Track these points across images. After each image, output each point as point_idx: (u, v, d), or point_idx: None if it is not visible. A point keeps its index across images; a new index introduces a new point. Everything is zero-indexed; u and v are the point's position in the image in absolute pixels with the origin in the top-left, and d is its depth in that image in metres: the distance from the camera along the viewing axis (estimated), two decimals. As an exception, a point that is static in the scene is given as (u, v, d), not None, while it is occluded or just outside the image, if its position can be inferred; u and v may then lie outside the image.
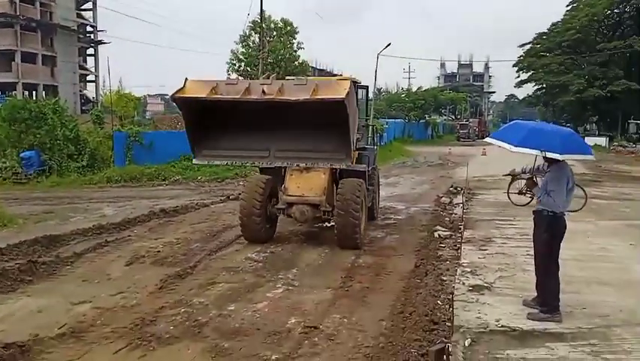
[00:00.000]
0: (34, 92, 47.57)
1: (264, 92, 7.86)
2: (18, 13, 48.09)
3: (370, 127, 12.53)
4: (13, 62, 48.44)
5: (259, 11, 31.57)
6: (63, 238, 9.27)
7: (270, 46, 33.75)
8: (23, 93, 43.28)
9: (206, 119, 8.56)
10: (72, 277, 7.45)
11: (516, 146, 5.02)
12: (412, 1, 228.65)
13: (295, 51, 37.22)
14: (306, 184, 9.58)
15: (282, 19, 37.02)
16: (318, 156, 8.52)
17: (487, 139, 5.73)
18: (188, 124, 8.68)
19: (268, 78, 8.64)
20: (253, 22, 33.61)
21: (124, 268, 7.90)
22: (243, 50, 36.25)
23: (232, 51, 36.71)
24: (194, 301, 6.37)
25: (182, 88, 8.08)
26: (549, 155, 4.93)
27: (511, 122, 6.07)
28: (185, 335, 5.39)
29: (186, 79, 8.08)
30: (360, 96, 10.68)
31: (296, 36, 37.41)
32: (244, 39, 36.00)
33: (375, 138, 13.60)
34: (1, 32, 48.48)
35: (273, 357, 4.89)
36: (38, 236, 8.99)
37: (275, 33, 36.37)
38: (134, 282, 7.19)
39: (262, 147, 8.61)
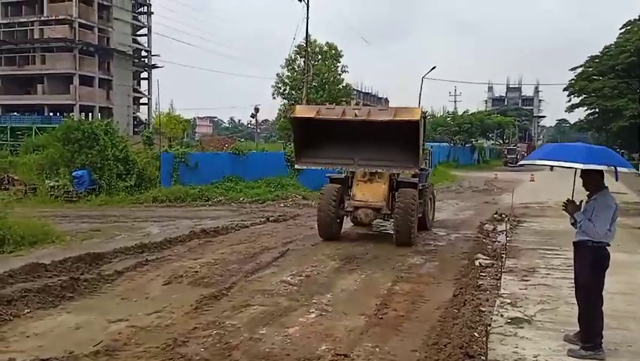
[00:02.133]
0: (90, 114, 49.73)
1: (356, 114, 10.96)
2: (77, 38, 50.64)
3: (426, 151, 14.34)
4: (71, 85, 50.94)
5: (304, 36, 32.12)
6: (106, 256, 9.53)
7: (314, 69, 34.20)
8: (80, 115, 45.30)
9: (309, 135, 11.52)
10: (112, 295, 7.61)
11: (585, 163, 4.71)
12: (460, 24, 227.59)
13: (339, 74, 37.56)
14: (369, 192, 11.80)
15: (327, 43, 37.54)
16: (392, 164, 11.33)
17: (541, 161, 5.25)
18: (295, 137, 11.96)
19: (358, 105, 12.29)
20: (299, 46, 34.24)
21: (162, 288, 8.02)
22: (289, 73, 36.89)
23: (278, 75, 37.47)
24: (227, 324, 6.37)
25: (293, 111, 11.82)
26: (620, 170, 4.68)
27: (553, 144, 5.86)
28: (214, 357, 5.38)
29: (296, 105, 10.03)
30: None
31: (340, 59, 37.79)
32: (289, 63, 36.69)
33: (430, 161, 15.72)
34: (60, 56, 51.22)
35: (301, 384, 4.81)
36: (82, 253, 9.28)
37: (320, 57, 36.89)
38: (170, 302, 7.27)
39: (348, 157, 11.52)
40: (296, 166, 12.59)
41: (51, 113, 49.92)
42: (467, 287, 8.08)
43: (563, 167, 4.95)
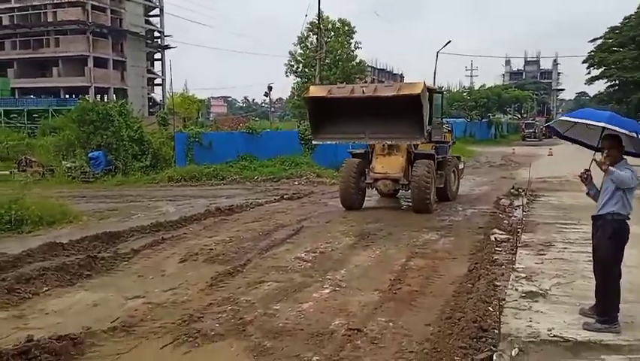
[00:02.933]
0: (105, 96, 50.07)
1: (363, 91, 11.83)
2: (90, 20, 50.71)
3: (444, 125, 15.13)
4: (85, 67, 51.21)
5: (317, 12, 31.70)
6: (122, 235, 9.66)
7: (327, 46, 33.84)
8: (95, 96, 45.61)
9: (322, 113, 12.28)
10: (128, 273, 7.72)
11: (607, 123, 4.67)
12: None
13: (353, 51, 37.14)
14: (388, 164, 12.81)
15: (340, 20, 37.07)
16: (399, 136, 12.00)
17: (566, 117, 5.42)
18: (310, 116, 12.77)
19: (365, 83, 14.10)
20: (311, 23, 33.85)
21: (178, 265, 8.11)
22: (301, 51, 36.56)
23: (290, 52, 37.16)
24: (242, 300, 6.42)
25: (307, 91, 13.05)
26: None
27: (585, 109, 5.80)
28: (229, 332, 5.44)
29: (310, 85, 10.47)
30: (436, 101, 13.90)
31: (353, 36, 37.32)
32: (302, 40, 36.35)
33: (452, 134, 16.27)
34: (74, 39, 51.46)
35: (314, 359, 4.84)
36: (99, 232, 9.42)
37: (332, 33, 36.48)
38: (186, 279, 7.35)
39: (360, 131, 12.19)
40: (313, 142, 13.51)
41: (67, 96, 50.36)
42: (482, 262, 8.03)
43: (587, 124, 4.91)
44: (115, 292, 6.75)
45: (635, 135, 4.64)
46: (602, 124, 4.71)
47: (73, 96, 47.59)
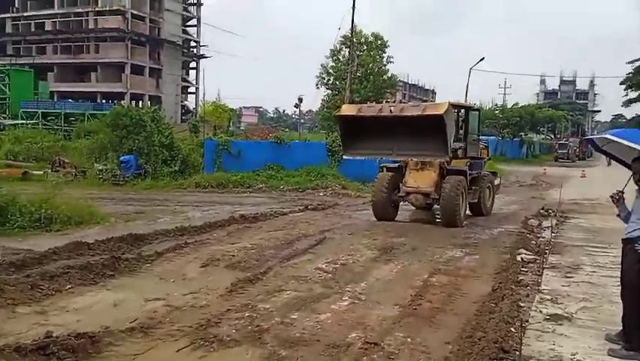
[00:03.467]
0: (140, 102, 51.14)
1: (390, 111, 12.45)
2: (129, 29, 52.07)
3: (480, 142, 15.63)
4: (123, 74, 52.50)
5: (350, 26, 31.82)
6: (147, 237, 9.76)
7: (359, 60, 33.90)
8: (130, 102, 46.64)
9: (353, 129, 12.97)
10: (150, 275, 7.79)
11: None
12: (511, 14, 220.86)
13: (384, 65, 37.11)
14: (420, 179, 13.20)
15: (373, 34, 37.13)
16: (425, 153, 12.45)
17: (609, 135, 5.14)
18: (341, 132, 13.52)
19: (394, 102, 14.97)
20: (344, 36, 33.99)
21: (199, 270, 8.14)
22: (333, 64, 36.72)
23: (322, 65, 37.35)
24: (260, 307, 6.40)
25: (339, 110, 14.34)
26: None
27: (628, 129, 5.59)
28: (246, 339, 5.41)
29: (340, 99, 11.04)
30: (472, 118, 14.64)
31: (386, 50, 37.32)
32: (334, 53, 36.51)
33: (488, 151, 16.79)
34: (113, 46, 52.89)
35: (329, 370, 4.77)
36: (124, 234, 9.54)
37: (365, 47, 36.54)
38: (206, 283, 7.37)
39: (388, 148, 12.74)
40: (344, 157, 13.95)
41: (103, 101, 51.62)
42: (507, 282, 7.81)
43: (627, 147, 4.75)
44: (136, 293, 6.81)
45: None
46: None
47: (110, 101, 48.79)
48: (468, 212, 13.98)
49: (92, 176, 20.06)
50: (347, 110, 13.67)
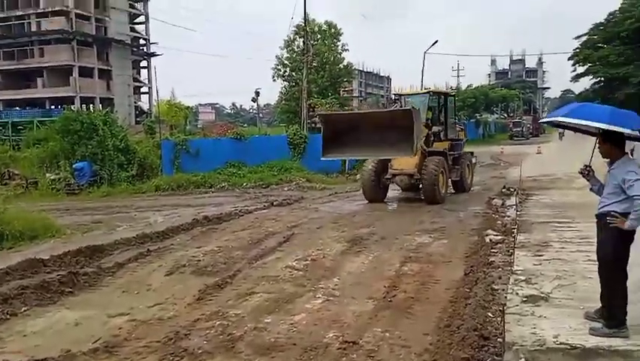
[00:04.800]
0: (91, 105, 49.37)
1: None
2: (74, 30, 50.15)
3: (457, 124, 17.69)
4: (71, 77, 50.59)
5: (303, 15, 31.50)
6: (106, 248, 9.30)
7: (314, 49, 33.63)
8: (81, 106, 45.01)
9: (336, 130, 13.62)
10: (112, 288, 7.40)
11: (608, 123, 4.39)
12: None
13: (340, 53, 36.98)
14: (404, 161, 14.18)
15: (326, 22, 36.91)
16: (393, 149, 13.05)
17: (564, 118, 4.79)
18: (324, 134, 13.82)
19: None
20: (297, 26, 33.63)
21: (164, 278, 7.80)
22: (288, 55, 36.34)
23: (277, 57, 36.92)
24: (231, 313, 6.14)
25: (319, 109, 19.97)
26: None
27: (576, 103, 5.48)
28: (218, 350, 5.15)
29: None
30: (450, 103, 16.31)
31: (340, 38, 37.17)
32: (288, 44, 36.14)
33: (465, 132, 18.87)
34: (59, 48, 50.82)
35: (308, 376, 4.58)
36: (82, 247, 9.05)
37: (319, 36, 36.29)
38: (172, 293, 7.05)
39: (364, 148, 13.47)
40: (322, 158, 14.09)
41: (52, 106, 49.64)
42: (478, 265, 7.80)
43: (585, 126, 4.67)
44: (98, 309, 6.43)
45: (637, 134, 4.44)
46: (603, 126, 4.46)
47: (59, 107, 46.95)
48: (451, 189, 15.66)
49: (45, 186, 19.18)
50: (327, 112, 16.19)
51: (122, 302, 6.72)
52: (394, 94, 21.23)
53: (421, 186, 14.49)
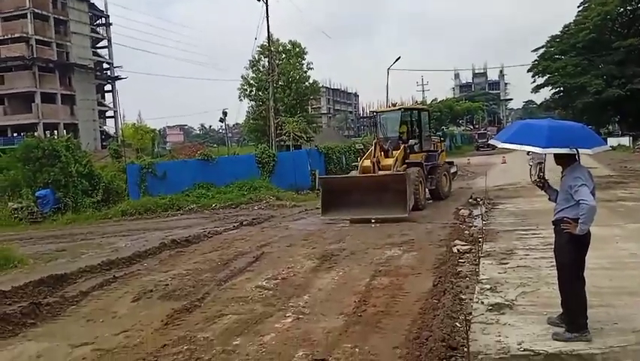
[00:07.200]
0: (55, 132, 48.44)
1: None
2: (35, 56, 49.28)
3: (434, 138, 18.91)
4: (33, 104, 49.57)
5: (267, 35, 31.70)
6: (70, 277, 9.06)
7: (279, 69, 33.82)
8: (44, 133, 44.08)
9: (330, 193, 14.42)
10: (76, 318, 7.20)
11: (545, 147, 4.56)
12: (421, 17, 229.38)
13: (305, 72, 37.26)
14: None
15: (290, 41, 37.19)
16: (388, 210, 13.46)
17: (504, 145, 4.89)
18: (322, 195, 14.77)
19: None
20: (261, 46, 33.80)
21: (130, 305, 7.63)
22: (253, 74, 36.42)
23: (242, 77, 36.96)
24: (199, 337, 6.03)
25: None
26: (582, 151, 4.56)
27: (520, 123, 5.54)
28: (185, 376, 5.06)
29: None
30: (424, 117, 17.40)
31: (305, 57, 37.49)
32: (254, 64, 36.23)
33: (443, 145, 19.81)
34: (19, 75, 49.87)
35: (278, 397, 4.52)
36: (44, 276, 8.80)
37: (284, 55, 36.52)
38: (139, 319, 6.90)
39: (359, 207, 13.78)
40: (320, 217, 14.47)
41: (15, 134, 48.49)
42: (446, 275, 7.88)
43: (527, 151, 4.79)
44: (61, 340, 6.24)
45: (575, 152, 4.58)
46: (539, 150, 4.59)
47: (21, 134, 45.87)
48: (428, 196, 16.30)
49: (6, 216, 18.63)
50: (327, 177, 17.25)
51: (86, 332, 6.54)
52: (371, 111, 22.18)
53: None
